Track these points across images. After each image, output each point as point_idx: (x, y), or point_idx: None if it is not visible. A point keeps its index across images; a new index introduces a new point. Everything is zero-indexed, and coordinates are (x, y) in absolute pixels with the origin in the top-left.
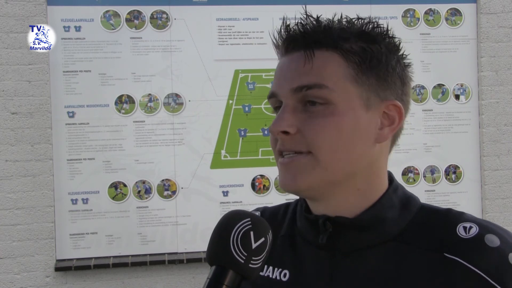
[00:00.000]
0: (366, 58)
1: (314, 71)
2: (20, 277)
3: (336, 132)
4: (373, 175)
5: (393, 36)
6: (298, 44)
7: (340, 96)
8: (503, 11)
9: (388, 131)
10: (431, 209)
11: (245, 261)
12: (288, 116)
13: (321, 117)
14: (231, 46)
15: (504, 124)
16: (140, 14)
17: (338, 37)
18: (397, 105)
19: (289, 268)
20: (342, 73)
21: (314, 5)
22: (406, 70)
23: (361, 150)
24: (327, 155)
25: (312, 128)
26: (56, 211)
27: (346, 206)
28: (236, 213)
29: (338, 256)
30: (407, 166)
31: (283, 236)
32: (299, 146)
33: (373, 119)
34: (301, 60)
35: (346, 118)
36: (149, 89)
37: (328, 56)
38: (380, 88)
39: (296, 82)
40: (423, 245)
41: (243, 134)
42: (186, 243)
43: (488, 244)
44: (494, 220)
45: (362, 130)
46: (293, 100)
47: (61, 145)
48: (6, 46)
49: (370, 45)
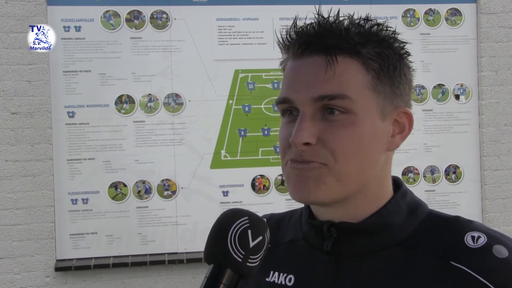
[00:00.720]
0: (384, 65)
1: (336, 79)
2: (20, 277)
3: (357, 143)
4: (381, 182)
5: (401, 40)
6: (316, 48)
7: (360, 106)
8: (503, 11)
9: (399, 138)
10: (439, 216)
11: (242, 259)
12: (308, 125)
13: (341, 128)
14: (231, 46)
15: (504, 124)
16: (140, 14)
17: (356, 41)
18: (408, 113)
19: (294, 273)
20: (362, 81)
21: (314, 5)
22: (412, 74)
23: (374, 159)
24: (344, 167)
25: (333, 138)
26: (56, 211)
27: (352, 213)
28: (234, 211)
29: (343, 261)
30: (407, 166)
31: (288, 242)
32: (317, 157)
33: (386, 128)
34: (321, 66)
35: (366, 127)
36: (149, 89)
37: (349, 63)
38: (393, 95)
39: (317, 90)
40: (429, 252)
41: (243, 134)
42: (186, 243)
43: (496, 254)
44: (494, 220)
45: (378, 139)
46: (313, 109)
47: (61, 145)
48: (6, 46)
49: (385, 50)
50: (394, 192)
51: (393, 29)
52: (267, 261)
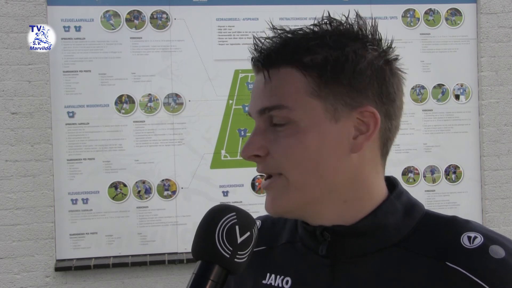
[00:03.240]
0: (325, 69)
1: (273, 91)
2: (20, 277)
3: (302, 151)
4: (359, 185)
5: (364, 36)
6: (261, 64)
7: (302, 114)
8: (503, 11)
9: (362, 139)
10: (436, 216)
11: (230, 255)
12: (256, 139)
13: (285, 137)
14: (231, 46)
15: (504, 124)
16: (140, 14)
17: (296, 50)
18: (370, 111)
19: (291, 275)
20: (301, 89)
21: (314, 5)
22: (386, 68)
23: (333, 164)
24: (297, 175)
25: (278, 150)
26: (56, 211)
27: (338, 217)
28: (222, 207)
29: (339, 263)
30: (407, 166)
31: (285, 244)
32: (271, 169)
33: (344, 130)
34: (262, 81)
35: (311, 134)
36: (149, 89)
37: (286, 74)
38: (348, 96)
39: (259, 104)
40: (425, 252)
41: (243, 134)
42: (186, 243)
43: (493, 255)
44: (494, 220)
45: (332, 143)
46: (261, 121)
47: (61, 145)
48: (6, 46)
49: (332, 52)
50: (389, 192)
51: (359, 23)
52: (263, 263)
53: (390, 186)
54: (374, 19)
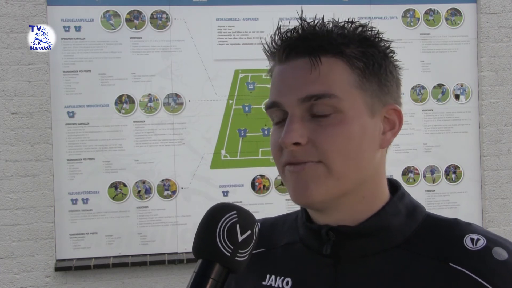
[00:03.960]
0: (369, 63)
1: (321, 79)
2: (20, 277)
3: (347, 141)
4: (377, 182)
5: (386, 39)
6: (301, 50)
7: (348, 104)
8: (503, 11)
9: (390, 135)
10: (437, 218)
11: (231, 254)
12: (298, 126)
13: (331, 126)
14: (231, 46)
15: (504, 124)
16: (140, 14)
17: (340, 42)
18: (397, 109)
19: (292, 276)
20: (347, 79)
21: (314, 5)
22: (399, 73)
23: (369, 156)
24: (340, 165)
25: (323, 138)
26: (56, 211)
27: (350, 215)
28: (222, 206)
29: (342, 264)
30: (407, 166)
31: (284, 245)
32: (310, 156)
33: (377, 125)
34: (306, 68)
35: (355, 125)
36: (149, 89)
37: (333, 63)
38: (381, 93)
39: (303, 91)
40: (429, 254)
41: (243, 134)
42: (186, 243)
43: (496, 257)
44: (494, 220)
45: (369, 136)
46: (301, 110)
47: (61, 145)
48: (6, 46)
49: (369, 49)
50: (391, 194)
51: (377, 29)
52: (263, 265)
53: (391, 188)
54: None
